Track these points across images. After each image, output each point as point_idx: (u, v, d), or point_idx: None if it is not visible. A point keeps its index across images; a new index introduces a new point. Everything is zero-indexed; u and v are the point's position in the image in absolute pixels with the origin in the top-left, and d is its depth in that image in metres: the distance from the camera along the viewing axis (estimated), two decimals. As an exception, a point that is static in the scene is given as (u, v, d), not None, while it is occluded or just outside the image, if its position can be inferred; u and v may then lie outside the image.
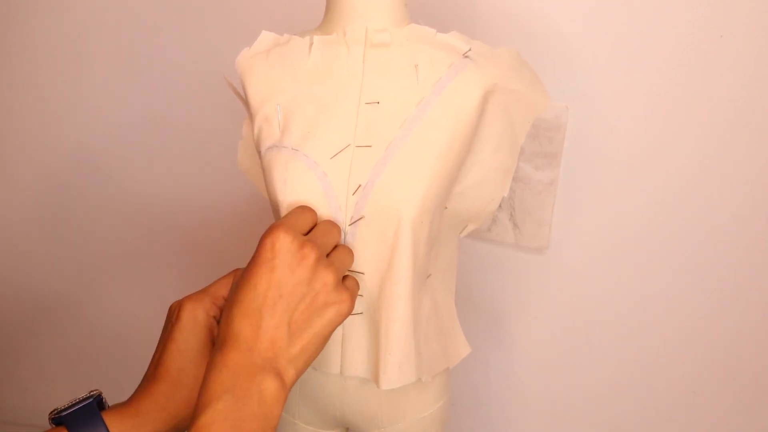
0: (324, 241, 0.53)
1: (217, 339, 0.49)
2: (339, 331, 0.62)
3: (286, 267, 0.48)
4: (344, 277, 0.55)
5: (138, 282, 1.31)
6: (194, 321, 0.53)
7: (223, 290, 0.56)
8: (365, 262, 0.58)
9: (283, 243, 0.48)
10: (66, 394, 0.53)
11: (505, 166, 0.63)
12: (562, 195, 0.94)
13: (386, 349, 0.58)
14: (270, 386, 0.45)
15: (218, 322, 0.55)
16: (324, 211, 0.57)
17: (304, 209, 0.55)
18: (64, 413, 0.49)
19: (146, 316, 1.32)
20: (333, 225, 0.56)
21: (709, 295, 0.91)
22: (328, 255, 0.53)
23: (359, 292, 0.59)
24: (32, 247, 1.35)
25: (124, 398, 0.52)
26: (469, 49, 0.59)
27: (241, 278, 0.49)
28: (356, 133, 0.58)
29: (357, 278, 0.59)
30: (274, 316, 0.47)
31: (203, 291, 0.55)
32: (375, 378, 0.60)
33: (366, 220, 0.57)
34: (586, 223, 0.95)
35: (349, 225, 0.57)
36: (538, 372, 1.05)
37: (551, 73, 0.85)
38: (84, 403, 0.50)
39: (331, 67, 0.59)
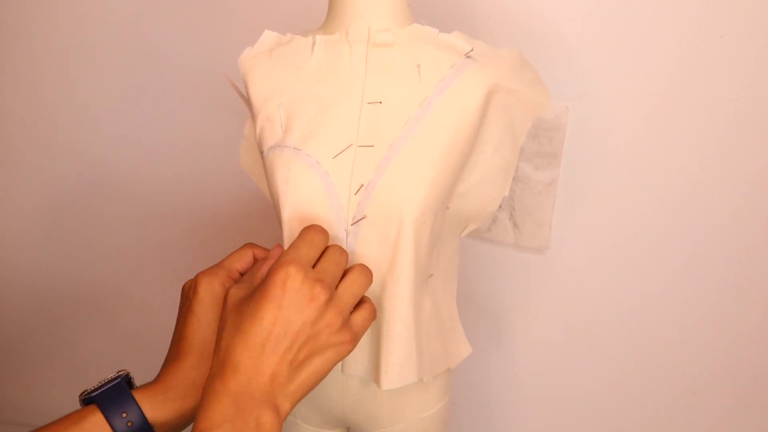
0: (333, 275, 0.52)
1: (214, 362, 0.49)
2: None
3: (295, 306, 0.48)
4: (356, 308, 0.54)
5: (138, 283, 1.31)
6: (212, 294, 0.54)
7: (237, 264, 0.56)
8: (367, 262, 0.58)
9: (294, 282, 0.48)
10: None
11: (506, 165, 0.63)
12: (562, 195, 0.94)
13: (387, 349, 0.58)
14: (267, 420, 0.46)
15: None
16: (326, 211, 0.57)
17: (315, 233, 0.53)
18: (95, 393, 0.50)
19: (147, 317, 1.32)
20: (341, 253, 0.54)
21: (709, 295, 0.91)
22: (337, 285, 0.53)
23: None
24: (33, 249, 1.34)
25: None
26: (472, 49, 0.59)
27: (246, 307, 0.49)
28: (358, 133, 0.58)
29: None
30: (277, 352, 0.48)
31: (217, 265, 0.56)
32: (376, 378, 0.60)
33: (368, 220, 0.57)
34: (586, 223, 0.95)
35: (351, 225, 0.57)
36: (539, 372, 1.05)
37: (551, 73, 0.85)
38: (113, 383, 0.51)
39: (333, 67, 0.59)
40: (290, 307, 0.48)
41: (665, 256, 0.92)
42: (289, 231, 0.58)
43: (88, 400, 0.50)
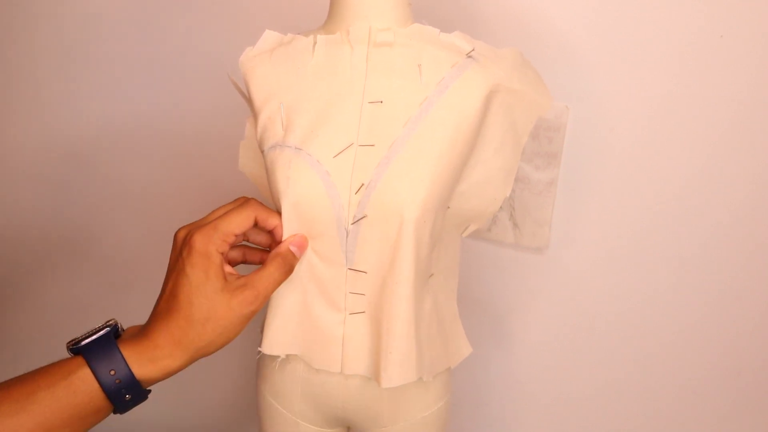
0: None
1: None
2: (340, 329, 0.62)
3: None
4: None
5: (139, 281, 1.31)
6: (206, 258, 0.53)
7: (235, 229, 0.55)
8: (367, 261, 0.58)
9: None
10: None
11: (507, 166, 0.63)
12: (562, 195, 0.94)
13: (387, 347, 0.58)
14: None
15: (228, 262, 0.57)
16: (326, 210, 0.57)
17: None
18: (82, 343, 0.50)
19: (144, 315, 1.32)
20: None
21: (709, 295, 0.91)
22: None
23: (361, 291, 0.60)
24: (32, 246, 1.34)
25: None
26: (473, 49, 0.59)
27: None
28: (359, 132, 0.58)
29: (359, 277, 0.59)
30: None
31: (213, 227, 0.54)
32: (376, 376, 0.60)
33: (368, 219, 0.57)
34: (586, 223, 0.95)
35: (352, 224, 0.58)
36: (539, 372, 1.05)
37: (552, 73, 0.85)
38: (101, 333, 0.51)
39: (334, 67, 0.60)
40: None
41: (665, 256, 0.92)
42: (289, 230, 0.58)
43: (75, 350, 0.51)
